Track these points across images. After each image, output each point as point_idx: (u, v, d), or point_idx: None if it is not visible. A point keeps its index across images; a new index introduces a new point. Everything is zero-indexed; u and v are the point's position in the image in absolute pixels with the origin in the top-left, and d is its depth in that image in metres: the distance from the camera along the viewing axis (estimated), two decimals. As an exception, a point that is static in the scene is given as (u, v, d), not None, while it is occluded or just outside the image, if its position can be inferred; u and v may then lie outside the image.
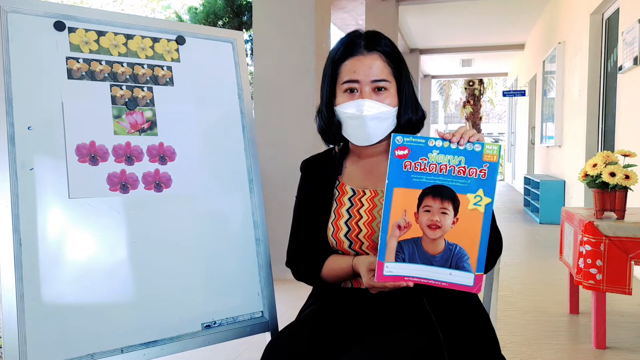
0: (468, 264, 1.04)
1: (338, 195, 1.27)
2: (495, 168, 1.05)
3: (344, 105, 1.21)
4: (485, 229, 1.04)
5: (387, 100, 1.20)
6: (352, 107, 1.19)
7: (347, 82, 1.20)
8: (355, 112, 1.19)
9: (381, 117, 1.19)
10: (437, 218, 1.04)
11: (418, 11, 7.88)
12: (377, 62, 1.20)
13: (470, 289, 1.04)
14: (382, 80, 1.19)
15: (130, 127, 1.31)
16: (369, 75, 1.19)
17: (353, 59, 1.20)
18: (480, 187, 1.04)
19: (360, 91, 1.19)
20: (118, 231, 1.26)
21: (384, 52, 1.21)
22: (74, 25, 1.27)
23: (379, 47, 1.21)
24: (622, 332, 2.56)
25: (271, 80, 3.65)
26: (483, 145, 1.06)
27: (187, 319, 1.33)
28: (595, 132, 5.14)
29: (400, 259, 1.05)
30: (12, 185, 1.14)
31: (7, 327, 1.10)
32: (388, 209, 1.05)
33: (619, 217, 2.34)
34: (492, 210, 1.05)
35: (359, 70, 1.19)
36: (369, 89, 1.19)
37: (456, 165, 1.05)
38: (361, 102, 1.18)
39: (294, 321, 1.21)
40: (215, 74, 1.46)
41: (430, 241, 1.05)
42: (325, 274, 1.24)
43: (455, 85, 20.92)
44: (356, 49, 1.20)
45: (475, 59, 11.74)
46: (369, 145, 1.25)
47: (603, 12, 4.97)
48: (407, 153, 1.06)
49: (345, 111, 1.20)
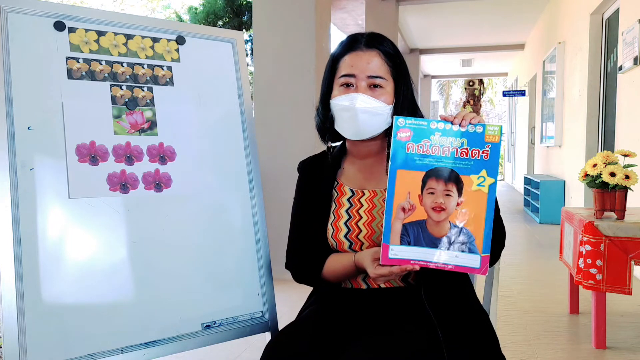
0: (474, 245, 1.03)
1: (337, 196, 1.27)
2: (497, 148, 1.05)
3: (339, 97, 1.21)
4: (490, 210, 1.03)
5: (382, 97, 1.20)
6: (345, 99, 1.20)
7: (344, 76, 1.20)
8: (348, 105, 1.19)
9: (373, 111, 1.19)
10: (441, 200, 1.04)
11: (418, 11, 7.88)
12: (375, 59, 1.20)
13: (477, 271, 1.03)
14: (378, 77, 1.19)
15: (130, 127, 1.31)
16: (366, 70, 1.19)
17: (352, 54, 1.21)
18: (483, 168, 1.04)
19: (356, 86, 1.20)
20: (118, 231, 1.26)
21: (384, 51, 1.21)
22: (74, 25, 1.27)
23: (379, 46, 1.21)
24: (622, 332, 2.56)
25: (271, 80, 3.65)
26: (484, 126, 1.06)
27: (187, 319, 1.33)
28: (595, 132, 5.14)
29: (406, 242, 1.04)
30: (12, 185, 1.14)
31: (7, 327, 1.10)
32: (392, 191, 1.04)
33: (619, 217, 2.34)
34: (495, 191, 1.05)
35: (357, 64, 1.19)
36: (364, 84, 1.19)
37: (459, 147, 1.05)
38: (355, 95, 1.19)
39: (294, 321, 1.21)
40: (215, 74, 1.46)
41: (435, 224, 1.04)
42: (326, 274, 1.24)
43: (455, 85, 20.92)
44: (356, 45, 1.21)
45: (475, 59, 11.74)
46: (362, 141, 1.24)
47: (603, 12, 4.97)
48: (410, 135, 1.06)
49: (339, 103, 1.21)
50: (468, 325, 1.13)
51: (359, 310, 1.19)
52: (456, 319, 1.12)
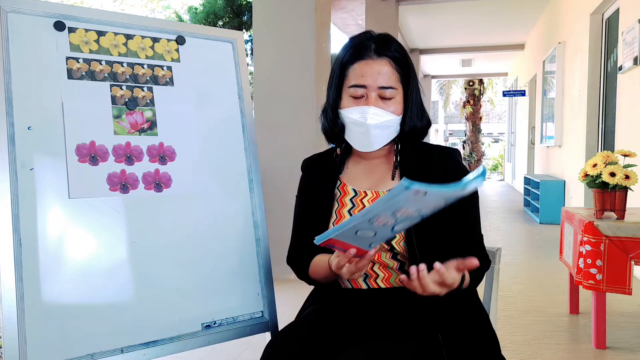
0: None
1: (340, 196, 1.27)
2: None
3: (349, 110, 1.20)
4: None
5: (392, 107, 1.19)
6: (356, 112, 1.18)
7: (354, 86, 1.18)
8: (359, 119, 1.18)
9: (385, 125, 1.18)
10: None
11: (418, 11, 7.88)
12: (385, 67, 1.18)
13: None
14: (389, 87, 1.18)
15: (130, 127, 1.31)
16: (377, 81, 1.17)
17: (362, 62, 1.18)
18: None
19: (366, 97, 1.18)
20: (118, 231, 1.26)
21: (394, 58, 1.19)
22: (74, 25, 1.27)
23: (388, 53, 1.19)
24: (622, 332, 2.56)
25: (271, 80, 3.64)
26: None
27: (187, 319, 1.33)
28: (595, 132, 5.14)
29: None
30: (12, 185, 1.14)
31: (7, 327, 1.10)
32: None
33: (619, 217, 2.34)
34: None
35: (367, 75, 1.17)
36: (375, 94, 1.18)
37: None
38: (366, 108, 1.17)
39: (294, 321, 1.20)
40: (215, 74, 1.46)
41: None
42: (311, 273, 1.24)
43: (455, 85, 20.91)
44: (366, 52, 1.18)
45: (475, 59, 11.74)
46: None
47: (603, 12, 4.97)
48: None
49: (350, 116, 1.19)
50: (468, 326, 1.12)
51: (358, 311, 1.18)
52: (456, 319, 1.12)
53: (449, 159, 1.22)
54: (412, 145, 1.25)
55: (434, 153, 1.23)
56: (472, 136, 16.36)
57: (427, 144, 1.28)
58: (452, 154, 1.23)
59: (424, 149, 1.25)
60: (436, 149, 1.25)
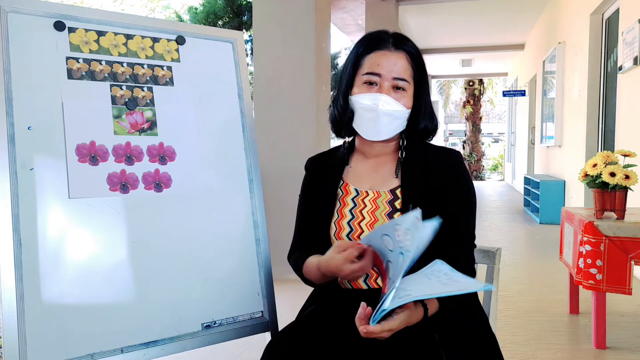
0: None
1: (341, 195, 1.27)
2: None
3: (361, 95, 1.21)
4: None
5: (403, 100, 1.20)
6: (368, 98, 1.20)
7: (369, 74, 1.20)
8: (371, 105, 1.19)
9: (395, 115, 1.20)
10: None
11: (418, 11, 7.88)
12: (402, 60, 1.20)
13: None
14: (403, 79, 1.20)
15: (130, 127, 1.31)
16: (392, 71, 1.19)
17: (379, 52, 1.20)
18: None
19: (379, 85, 1.20)
20: (118, 231, 1.26)
21: (410, 53, 1.22)
22: (74, 25, 1.27)
23: (405, 47, 1.22)
24: (622, 332, 2.56)
25: (271, 80, 3.65)
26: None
27: (187, 319, 1.33)
28: (595, 132, 5.14)
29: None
30: (12, 185, 1.14)
31: (7, 327, 1.10)
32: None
33: (619, 217, 2.34)
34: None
35: (383, 64, 1.19)
36: (388, 84, 1.19)
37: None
38: (379, 95, 1.19)
39: (294, 321, 1.21)
40: (215, 74, 1.46)
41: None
42: (304, 272, 1.24)
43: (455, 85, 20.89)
44: (384, 44, 1.21)
45: (475, 59, 11.74)
46: (376, 141, 1.25)
47: (603, 12, 4.97)
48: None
49: (361, 101, 1.21)
50: (465, 327, 1.12)
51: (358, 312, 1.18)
52: (455, 321, 1.12)
53: (452, 161, 1.23)
54: (417, 144, 1.26)
55: (437, 154, 1.24)
56: (472, 136, 16.38)
57: (431, 144, 1.29)
58: (454, 156, 1.24)
59: (428, 149, 1.26)
60: (439, 150, 1.26)
